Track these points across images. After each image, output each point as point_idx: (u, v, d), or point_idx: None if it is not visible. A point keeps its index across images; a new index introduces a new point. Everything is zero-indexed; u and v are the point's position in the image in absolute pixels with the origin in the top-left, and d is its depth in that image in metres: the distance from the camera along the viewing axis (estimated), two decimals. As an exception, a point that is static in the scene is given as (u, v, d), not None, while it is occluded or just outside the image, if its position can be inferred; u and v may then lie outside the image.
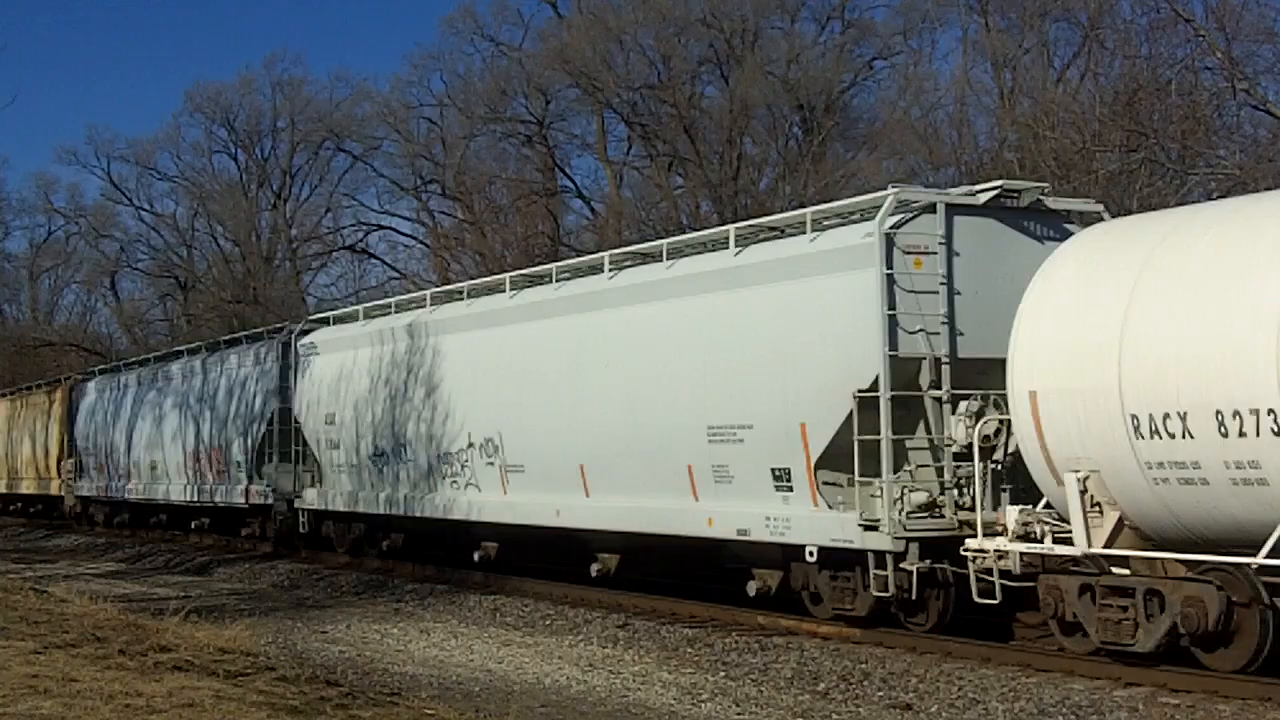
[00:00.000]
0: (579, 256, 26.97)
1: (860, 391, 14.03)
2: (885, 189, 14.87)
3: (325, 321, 26.77)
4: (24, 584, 19.28)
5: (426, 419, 21.61)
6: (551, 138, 51.81)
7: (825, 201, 20.37)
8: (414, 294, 25.88)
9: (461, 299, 22.14)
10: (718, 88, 48.11)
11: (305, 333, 26.55)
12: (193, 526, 32.50)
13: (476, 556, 21.18)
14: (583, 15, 50.21)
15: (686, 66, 47.09)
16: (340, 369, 24.51)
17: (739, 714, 11.99)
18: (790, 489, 14.86)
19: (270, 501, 27.05)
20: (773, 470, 15.05)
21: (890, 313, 13.90)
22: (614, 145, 51.77)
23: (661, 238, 20.42)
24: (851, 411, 14.06)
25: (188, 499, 31.53)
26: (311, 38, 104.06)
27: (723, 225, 20.07)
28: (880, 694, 12.52)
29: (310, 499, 25.56)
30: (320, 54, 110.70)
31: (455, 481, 20.97)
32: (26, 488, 44.79)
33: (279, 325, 28.97)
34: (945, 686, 12.38)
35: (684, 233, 25.84)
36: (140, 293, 73.20)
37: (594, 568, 18.63)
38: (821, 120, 45.04)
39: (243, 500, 28.20)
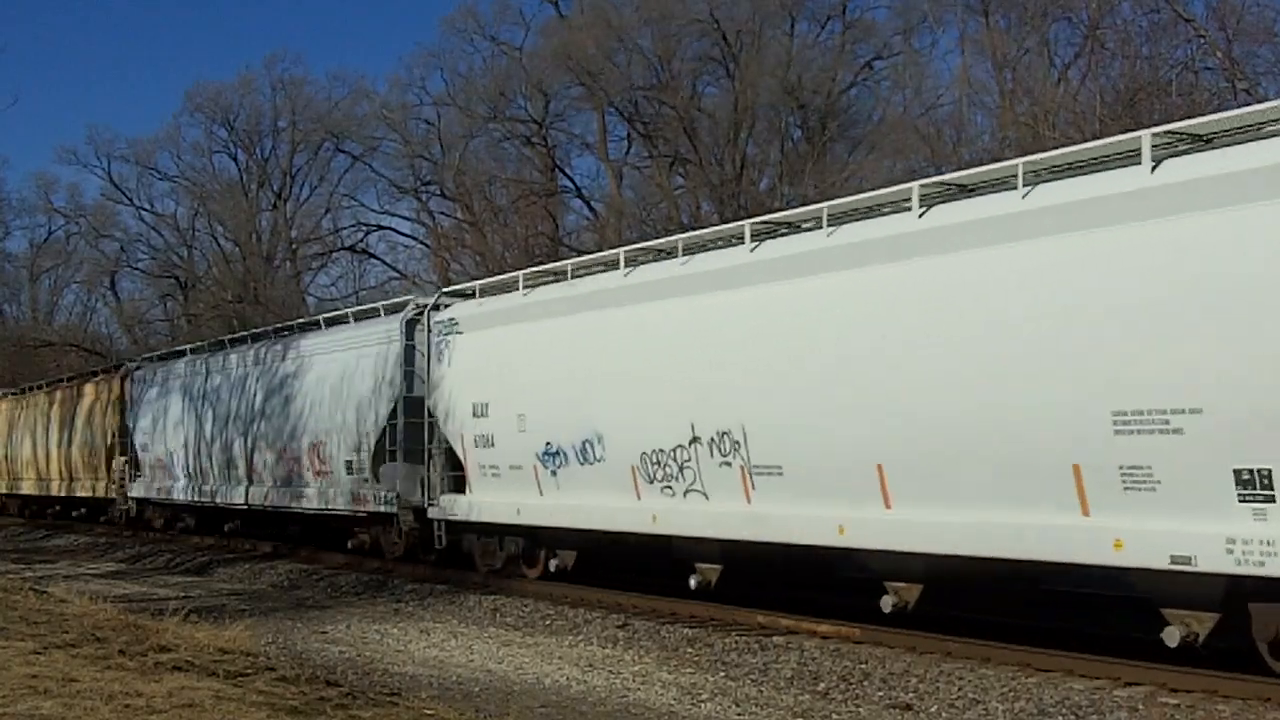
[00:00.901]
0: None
1: None
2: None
3: (465, 295, 22.24)
4: (24, 584, 19.27)
5: (625, 408, 17.39)
6: (552, 138, 51.90)
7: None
8: (592, 255, 20.58)
9: (673, 257, 17.20)
10: (718, 88, 48.17)
11: (439, 307, 22.10)
12: (290, 533, 28.46)
13: (693, 583, 17.06)
14: (584, 15, 50.23)
15: (687, 66, 47.12)
16: (493, 350, 20.30)
17: (739, 714, 11.99)
18: (1271, 498, 10.78)
19: (392, 510, 22.75)
20: (1238, 472, 10.94)
21: None
22: (614, 145, 51.86)
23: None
24: None
25: (273, 503, 27.00)
26: (311, 38, 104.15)
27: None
28: (880, 694, 12.52)
29: (456, 508, 21.24)
30: (320, 54, 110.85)
31: (668, 487, 16.70)
32: (66, 489, 40.53)
33: (400, 300, 24.24)
34: (945, 686, 12.38)
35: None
36: (140, 293, 73.36)
37: (887, 600, 14.48)
38: (822, 120, 45.05)
39: (352, 507, 23.87)
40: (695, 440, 16.14)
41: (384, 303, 25.23)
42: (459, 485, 21.34)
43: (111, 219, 71.76)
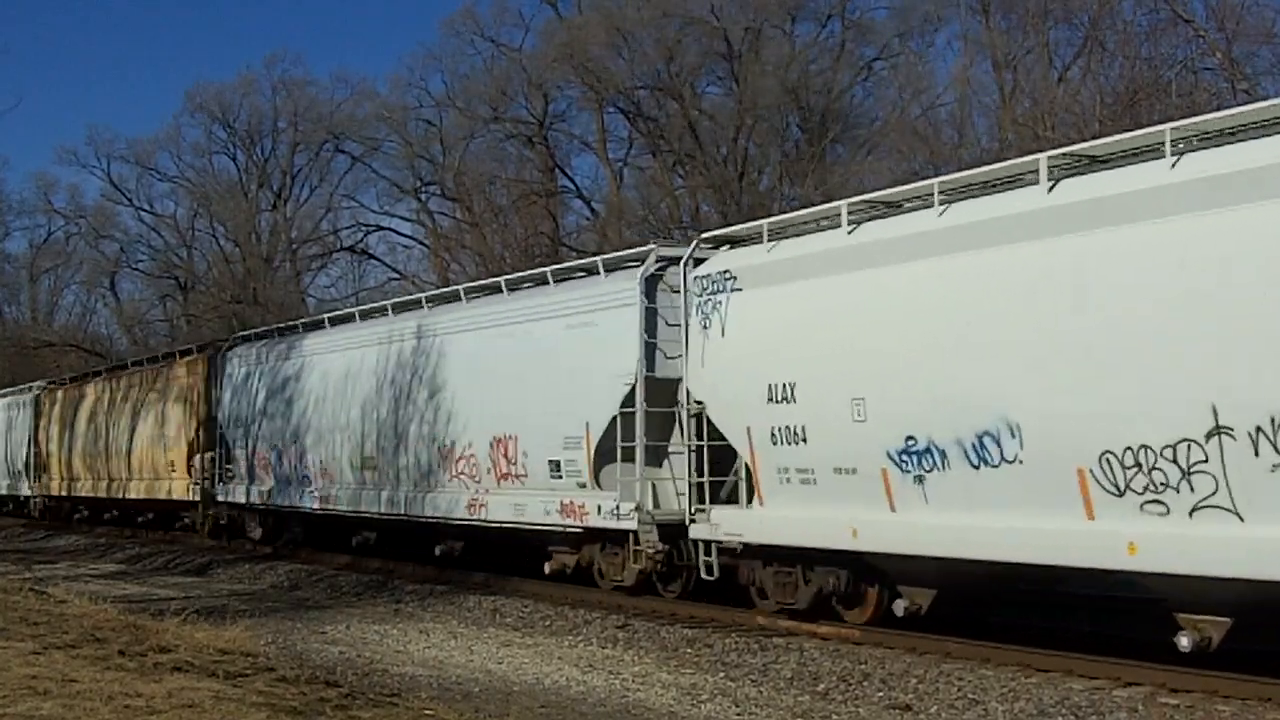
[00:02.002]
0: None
1: None
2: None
3: (742, 239, 16.39)
4: (24, 584, 19.27)
5: (1064, 385, 12.10)
6: (552, 138, 51.94)
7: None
8: (980, 169, 14.11)
9: (1158, 155, 11.65)
10: (719, 87, 48.24)
11: (698, 260, 16.76)
12: (437, 553, 22.46)
13: (1184, 643, 11.67)
14: (584, 14, 50.27)
15: (689, 66, 47.14)
16: (800, 310, 14.99)
17: (739, 714, 11.99)
18: None
19: (627, 525, 17.43)
20: None
21: None
22: (614, 145, 51.89)
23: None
24: None
25: (431, 514, 21.79)
26: (312, 38, 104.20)
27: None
28: (880, 694, 12.52)
29: (735, 526, 15.99)
30: (321, 54, 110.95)
31: (1156, 502, 11.41)
32: (132, 490, 34.72)
33: (633, 253, 18.73)
34: (945, 686, 12.38)
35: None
36: (140, 293, 73.37)
37: None
38: (822, 120, 45.07)
39: (559, 521, 18.82)
40: (1220, 431, 10.92)
41: (602, 257, 19.61)
42: (729, 495, 16.52)
43: (111, 219, 71.88)
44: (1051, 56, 39.82)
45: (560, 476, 18.79)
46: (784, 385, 14.98)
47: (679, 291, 16.93)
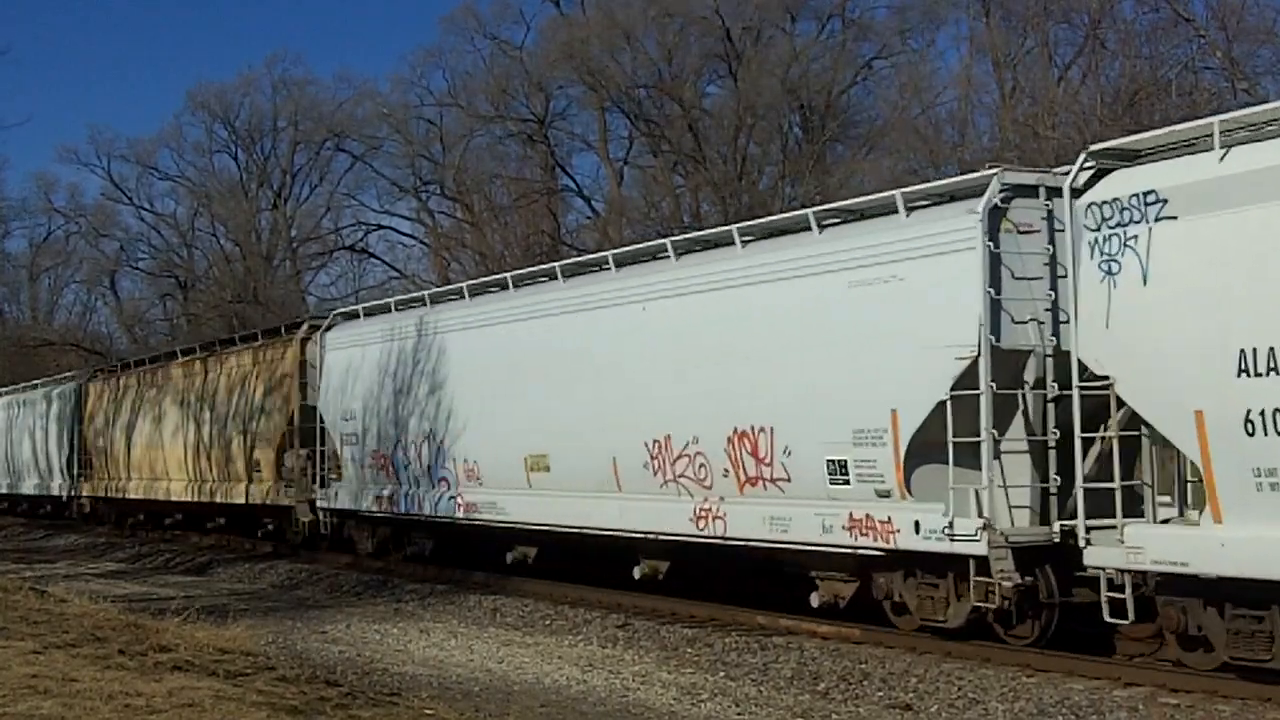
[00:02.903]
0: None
1: None
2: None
3: (1154, 153, 12.09)
4: (24, 584, 19.26)
5: None
6: (552, 137, 51.92)
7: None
8: None
9: None
10: (719, 87, 48.24)
11: (1083, 185, 12.44)
12: (637, 576, 18.02)
13: None
14: (586, 13, 50.28)
15: (690, 65, 47.16)
16: None
17: (739, 714, 11.99)
18: None
19: (974, 550, 12.94)
20: None
21: None
22: (615, 144, 51.91)
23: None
24: None
25: (636, 528, 17.53)
26: (313, 38, 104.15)
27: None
28: (880, 694, 12.52)
29: (1187, 552, 11.51)
30: (321, 54, 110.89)
31: None
32: (202, 493, 30.62)
33: (955, 184, 14.45)
34: (945, 686, 12.38)
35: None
36: (140, 292, 73.39)
37: None
38: (822, 119, 45.09)
39: (852, 540, 14.27)
40: None
41: (901, 190, 14.59)
42: (1129, 506, 12.27)
43: (111, 219, 71.88)
44: (1052, 56, 39.87)
45: (846, 481, 14.38)
46: (1271, 351, 10.75)
47: (1033, 231, 13.29)
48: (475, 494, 20.57)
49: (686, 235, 18.56)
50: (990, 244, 13.06)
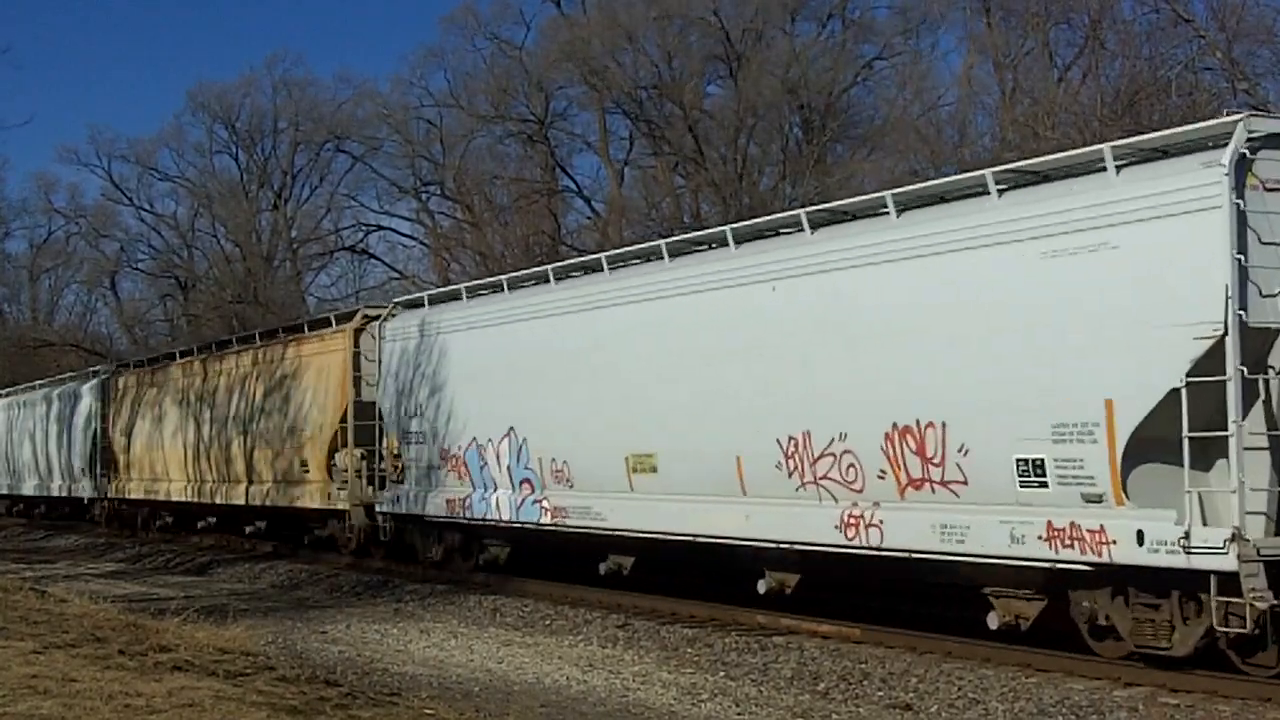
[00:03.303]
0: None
1: None
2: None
3: None
4: (24, 584, 19.27)
5: None
6: (553, 137, 51.92)
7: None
8: None
9: None
10: (719, 87, 48.26)
11: None
12: (762, 590, 16.04)
13: None
14: (587, 14, 50.30)
15: (690, 65, 47.16)
16: None
17: (739, 714, 11.98)
18: None
19: (1219, 566, 11.06)
20: None
21: None
22: (615, 144, 51.91)
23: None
24: None
25: (764, 536, 15.47)
26: (313, 38, 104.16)
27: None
28: (880, 694, 12.52)
29: None
30: (322, 54, 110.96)
31: None
32: (243, 495, 28.36)
33: (1178, 134, 12.22)
34: (945, 686, 12.38)
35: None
36: (140, 293, 73.41)
37: None
38: (823, 119, 45.10)
39: (1052, 553, 12.30)
40: None
41: (1110, 144, 12.53)
42: None
43: (111, 219, 71.87)
44: (1052, 56, 39.87)
45: (1043, 484, 12.40)
46: None
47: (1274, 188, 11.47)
48: (564, 497, 18.53)
49: (823, 206, 15.97)
50: (1238, 201, 11.16)
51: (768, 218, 17.22)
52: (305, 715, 9.18)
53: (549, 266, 20.54)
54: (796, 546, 15.17)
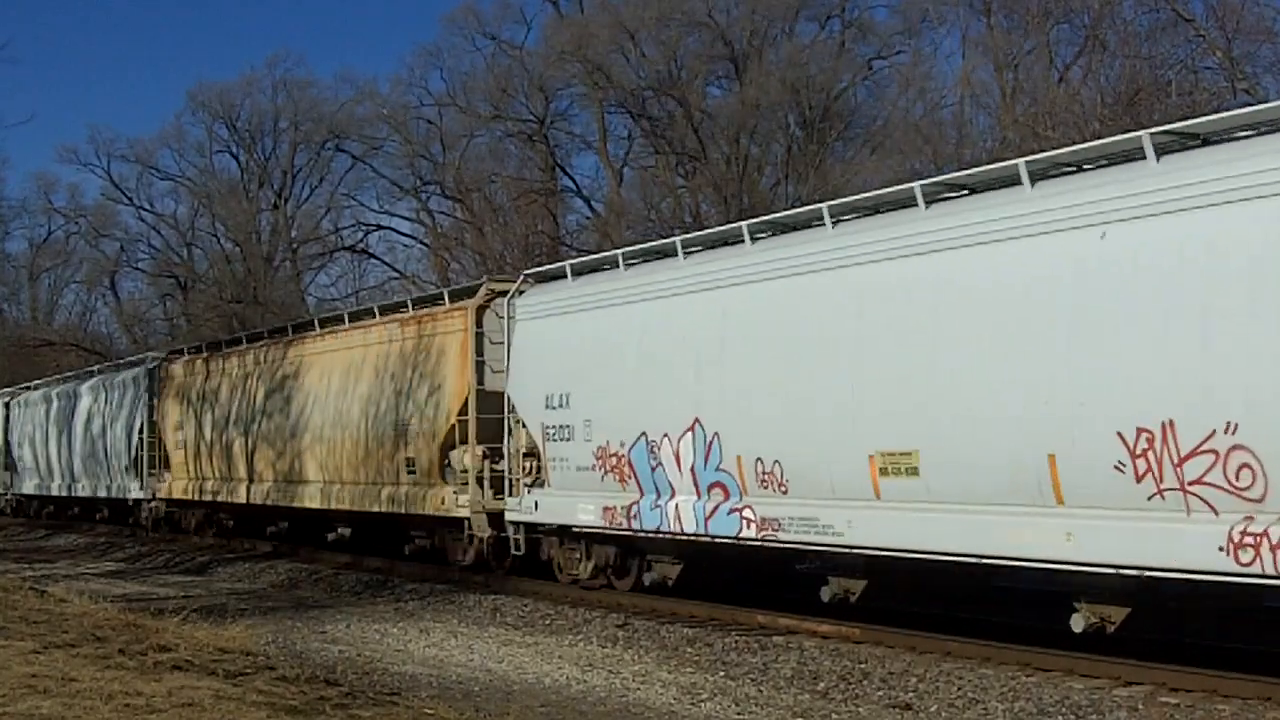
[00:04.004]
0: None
1: None
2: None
3: None
4: (24, 584, 19.28)
5: None
6: (552, 137, 51.95)
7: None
8: None
9: None
10: (719, 87, 48.28)
11: None
12: (1078, 628, 12.68)
13: None
14: (586, 13, 50.32)
15: (690, 65, 47.17)
16: None
17: (739, 713, 11.98)
18: None
19: None
20: None
21: None
22: (614, 144, 51.94)
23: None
24: None
25: (1098, 561, 12.05)
26: (314, 38, 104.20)
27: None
28: (880, 694, 12.52)
29: None
30: (322, 54, 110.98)
31: None
32: (328, 498, 24.62)
33: None
34: (945, 686, 12.38)
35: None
36: (140, 293, 73.45)
37: None
38: (824, 119, 45.11)
39: None
40: None
41: None
42: None
43: (111, 219, 71.92)
44: (1052, 56, 39.89)
45: None
46: None
47: None
48: (776, 506, 14.91)
49: (1170, 126, 12.04)
50: None
51: (1072, 148, 13.19)
52: (305, 715, 9.18)
53: (744, 224, 16.49)
54: (1147, 574, 11.60)
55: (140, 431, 33.16)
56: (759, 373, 15.28)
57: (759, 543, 15.32)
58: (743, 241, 16.14)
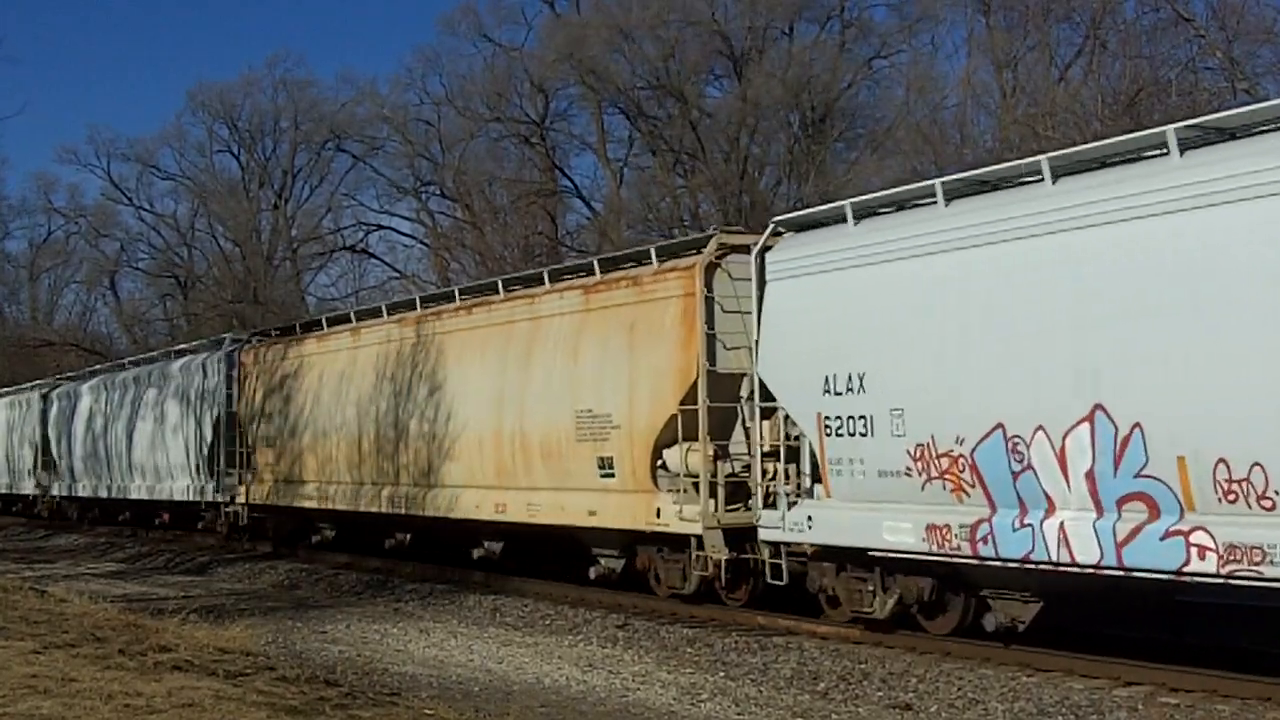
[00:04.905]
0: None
1: None
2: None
3: None
4: (24, 584, 19.28)
5: None
6: (551, 137, 51.96)
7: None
8: None
9: None
10: (719, 87, 48.28)
11: None
12: None
13: None
14: (583, 14, 50.32)
15: (689, 65, 47.17)
16: None
17: (739, 714, 11.98)
18: None
19: None
20: None
21: None
22: (614, 145, 51.94)
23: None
24: None
25: None
26: (314, 38, 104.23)
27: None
28: (880, 694, 12.52)
29: None
30: (323, 54, 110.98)
31: None
32: (474, 504, 20.25)
33: None
34: (945, 686, 12.38)
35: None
36: (140, 292, 73.47)
37: None
38: (824, 119, 45.11)
39: None
40: None
41: None
42: None
43: (111, 219, 71.93)
44: (1052, 56, 39.88)
45: None
46: None
47: None
48: (1258, 528, 10.62)
49: None
50: None
51: None
52: (305, 715, 9.18)
53: (1168, 129, 11.72)
54: None
55: (216, 425, 29.09)
56: (1231, 337, 10.81)
57: (1222, 580, 10.90)
58: (1167, 152, 11.59)
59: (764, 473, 15.53)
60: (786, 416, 15.20)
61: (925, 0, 46.65)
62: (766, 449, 15.53)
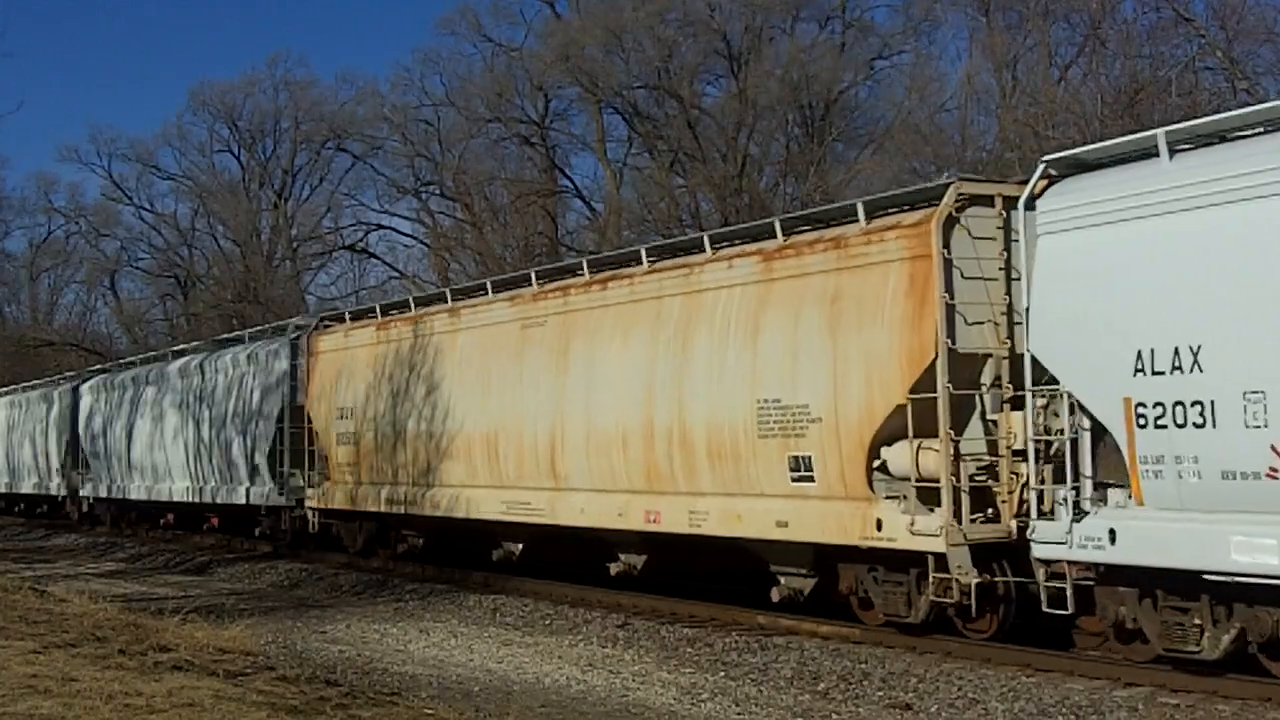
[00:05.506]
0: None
1: None
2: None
3: None
4: (24, 584, 19.27)
5: None
6: (551, 138, 51.97)
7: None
8: None
9: None
10: (718, 87, 48.28)
11: None
12: None
13: None
14: (584, 15, 50.31)
15: (688, 65, 47.17)
16: None
17: (739, 714, 11.98)
18: None
19: None
20: None
21: None
22: (613, 145, 51.95)
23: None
24: None
25: None
26: (315, 38, 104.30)
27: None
28: (880, 694, 12.51)
29: None
30: (324, 54, 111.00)
31: None
32: (624, 511, 17.20)
33: None
34: (945, 686, 12.38)
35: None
36: (140, 292, 73.49)
37: None
38: (823, 119, 45.11)
39: None
40: None
41: None
42: None
43: (112, 218, 71.93)
44: (1052, 56, 39.88)
45: None
46: None
47: None
48: None
49: None
50: None
51: None
52: (305, 715, 9.18)
53: None
54: None
55: (280, 420, 26.38)
56: None
57: None
58: None
59: (1014, 475, 12.97)
60: (1047, 406, 12.44)
61: (926, 1, 46.68)
62: (1019, 446, 12.90)
